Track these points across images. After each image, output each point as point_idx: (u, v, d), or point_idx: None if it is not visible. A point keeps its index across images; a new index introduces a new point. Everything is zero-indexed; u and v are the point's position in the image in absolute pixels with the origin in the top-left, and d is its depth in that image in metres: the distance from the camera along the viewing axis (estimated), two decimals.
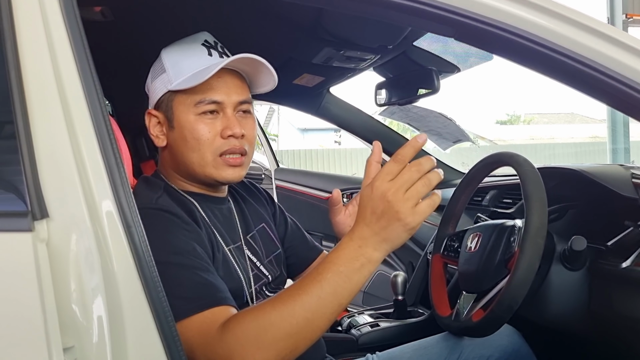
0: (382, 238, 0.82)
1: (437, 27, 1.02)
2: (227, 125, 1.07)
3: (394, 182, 0.80)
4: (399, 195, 0.80)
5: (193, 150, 1.08)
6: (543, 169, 1.22)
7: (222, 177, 1.10)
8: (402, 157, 0.81)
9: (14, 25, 0.76)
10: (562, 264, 1.25)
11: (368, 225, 0.83)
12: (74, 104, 0.75)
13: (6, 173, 0.75)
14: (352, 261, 0.83)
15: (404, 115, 2.21)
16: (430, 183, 0.81)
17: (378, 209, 0.81)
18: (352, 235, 0.84)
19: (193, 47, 1.11)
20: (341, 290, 0.83)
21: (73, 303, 0.71)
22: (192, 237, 1.00)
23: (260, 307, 0.86)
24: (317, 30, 1.55)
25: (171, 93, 1.09)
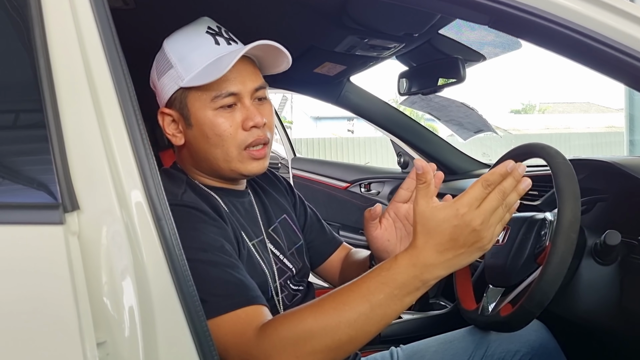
0: (450, 265, 0.80)
1: (470, 14, 0.99)
2: (248, 116, 1.04)
3: (482, 209, 0.78)
4: (485, 224, 0.78)
5: (216, 146, 1.04)
6: (573, 160, 1.19)
7: (247, 171, 1.07)
8: (490, 183, 0.78)
9: (43, 15, 0.74)
10: (594, 258, 1.22)
11: (440, 253, 0.79)
12: (104, 95, 0.74)
13: (37, 165, 0.74)
14: (408, 286, 0.80)
15: (425, 105, 2.19)
16: (511, 208, 0.80)
17: (461, 236, 0.78)
18: (414, 261, 0.80)
19: (198, 37, 1.05)
20: (390, 312, 0.81)
21: (104, 296, 0.70)
22: (220, 233, 0.98)
23: (300, 314, 0.84)
24: (342, 17, 1.52)
25: (184, 90, 1.04)
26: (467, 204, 0.77)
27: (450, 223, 0.77)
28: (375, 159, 13.36)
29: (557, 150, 1.18)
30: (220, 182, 1.13)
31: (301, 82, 2.25)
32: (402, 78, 2.02)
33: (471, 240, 0.78)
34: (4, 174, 0.73)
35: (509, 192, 0.78)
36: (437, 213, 0.79)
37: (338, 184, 2.99)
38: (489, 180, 0.78)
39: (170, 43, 1.07)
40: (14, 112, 0.78)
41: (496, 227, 0.80)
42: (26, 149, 0.76)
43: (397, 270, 0.80)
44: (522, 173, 0.79)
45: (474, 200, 0.77)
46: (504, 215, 0.80)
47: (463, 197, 0.78)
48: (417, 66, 1.92)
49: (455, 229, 0.77)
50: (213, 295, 0.88)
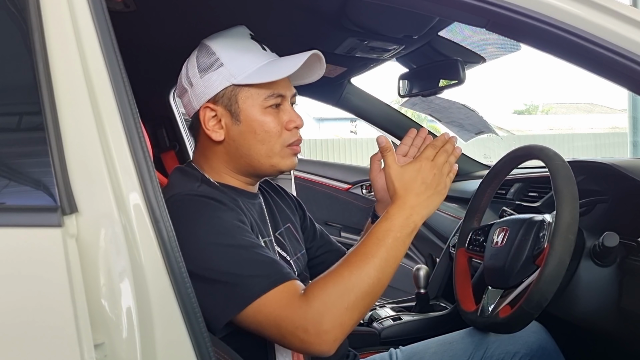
0: (426, 205, 1.02)
1: (468, 17, 1.00)
2: (291, 118, 1.12)
3: (436, 160, 1.05)
4: (439, 170, 1.04)
5: (263, 142, 1.10)
6: (572, 162, 1.19)
7: (286, 166, 1.14)
8: (436, 145, 1.06)
9: (42, 18, 0.75)
10: (592, 260, 1.22)
11: (417, 195, 1.02)
12: (102, 98, 0.74)
13: (35, 168, 0.75)
14: (405, 227, 0.99)
15: (426, 107, 2.19)
16: (451, 164, 1.07)
17: (427, 179, 1.02)
18: (402, 206, 1.01)
19: (245, 42, 1.12)
20: (399, 252, 0.99)
21: (102, 298, 0.71)
22: (239, 217, 1.03)
23: (336, 273, 0.96)
24: (342, 19, 1.52)
25: (234, 87, 1.08)
26: (425, 158, 1.04)
27: (419, 171, 1.03)
28: None
29: (556, 152, 1.18)
30: (239, 181, 1.16)
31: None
32: (402, 80, 2.02)
33: (434, 183, 1.03)
34: (4, 176, 0.74)
35: (450, 153, 1.06)
36: (407, 167, 1.04)
37: (340, 185, 2.99)
38: (435, 144, 1.07)
39: (217, 44, 1.11)
40: (13, 115, 0.79)
41: (447, 177, 1.05)
42: (25, 151, 0.76)
43: (392, 217, 1.00)
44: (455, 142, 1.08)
45: (430, 155, 1.05)
46: (450, 169, 1.06)
47: (422, 153, 1.06)
48: (417, 68, 1.92)
49: (422, 173, 1.03)
50: (252, 276, 0.94)
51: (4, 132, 0.77)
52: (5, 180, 0.74)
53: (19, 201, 0.73)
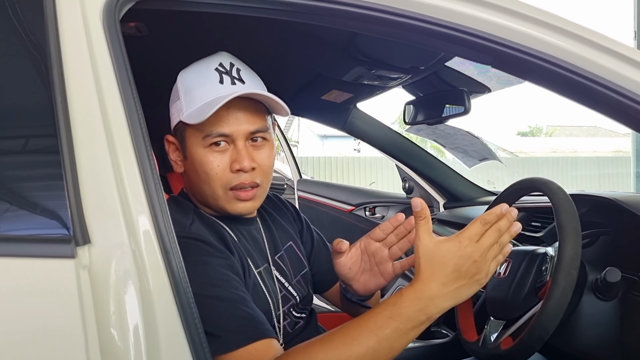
0: (452, 297, 0.86)
1: (475, 55, 1.02)
2: (236, 159, 1.04)
3: (481, 243, 0.86)
4: (484, 257, 0.86)
5: (204, 182, 1.06)
6: (575, 195, 1.21)
7: (234, 211, 1.09)
8: (487, 221, 0.87)
9: (60, 44, 0.77)
10: (594, 294, 1.23)
11: (444, 285, 0.85)
12: (117, 132, 0.76)
13: (50, 200, 0.76)
14: (413, 320, 0.84)
15: (430, 132, 2.21)
16: (503, 246, 0.89)
17: (463, 267, 0.85)
18: (419, 294, 0.85)
19: (206, 73, 1.06)
20: (397, 345, 0.85)
21: (112, 327, 0.72)
22: (227, 265, 1.00)
23: (311, 349, 0.87)
24: (350, 49, 1.55)
25: (183, 123, 1.06)
26: (468, 238, 0.86)
27: (454, 254, 0.85)
28: (381, 179, 13.36)
29: (559, 186, 1.19)
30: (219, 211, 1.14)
31: (309, 108, 2.28)
32: (408, 106, 2.04)
33: (472, 272, 0.85)
34: (20, 207, 0.76)
35: (503, 232, 0.88)
36: (441, 246, 0.86)
37: (343, 206, 3.00)
38: (486, 219, 0.87)
39: (182, 75, 1.10)
40: (28, 144, 0.80)
41: (492, 262, 0.88)
42: (41, 183, 0.78)
43: (402, 305, 0.84)
44: (514, 217, 0.90)
45: (474, 235, 0.86)
46: (498, 252, 0.89)
47: (465, 231, 0.87)
48: (424, 96, 1.95)
49: (459, 259, 0.85)
50: (223, 330, 0.90)
51: (20, 162, 0.79)
52: (21, 211, 0.76)
53: (34, 232, 0.75)
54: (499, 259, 0.89)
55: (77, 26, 0.78)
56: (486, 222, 0.87)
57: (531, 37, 0.95)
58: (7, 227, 0.74)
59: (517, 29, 0.95)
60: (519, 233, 1.72)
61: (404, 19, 0.92)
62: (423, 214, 0.88)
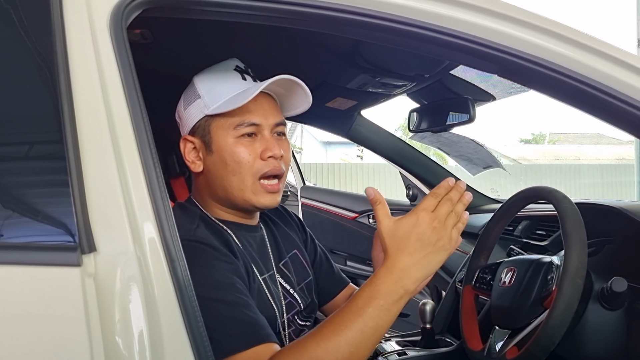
0: (423, 265, 0.90)
1: (481, 64, 1.02)
2: (267, 147, 1.09)
3: (436, 212, 0.91)
4: (441, 224, 0.91)
5: (234, 173, 1.08)
6: (580, 204, 1.20)
7: (260, 203, 1.10)
8: (439, 194, 0.93)
9: (67, 51, 0.77)
10: (600, 303, 1.22)
11: (411, 254, 0.89)
12: (123, 139, 0.77)
13: (55, 206, 0.76)
14: (392, 294, 0.89)
15: (434, 140, 2.20)
16: (459, 215, 0.94)
17: (424, 235, 0.90)
18: (391, 268, 0.90)
19: (226, 73, 1.12)
20: (382, 322, 0.88)
21: (117, 335, 0.72)
22: (231, 269, 1.00)
23: (304, 343, 0.89)
24: (355, 57, 1.55)
25: (208, 118, 1.10)
26: (423, 209, 0.91)
27: (414, 225, 0.90)
28: (384, 186, 13.34)
29: (564, 194, 1.19)
30: (234, 215, 1.15)
31: (313, 115, 2.25)
32: (413, 114, 2.04)
33: (434, 239, 0.90)
34: (26, 215, 0.76)
35: (455, 201, 0.93)
36: (400, 222, 0.91)
37: (346, 214, 2.99)
38: (437, 192, 0.94)
39: (200, 77, 1.13)
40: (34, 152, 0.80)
41: (452, 229, 0.92)
42: (46, 192, 0.78)
43: (378, 282, 0.89)
44: (464, 187, 0.96)
45: (428, 206, 0.92)
46: (456, 221, 0.93)
47: (419, 205, 0.93)
48: (428, 104, 1.95)
49: (419, 228, 0.90)
50: (225, 334, 0.91)
51: (26, 169, 0.79)
52: (27, 218, 0.76)
53: (40, 240, 0.75)
54: (459, 226, 0.94)
55: (84, 33, 0.79)
56: (437, 195, 0.93)
57: (537, 46, 0.95)
58: (13, 235, 0.74)
59: (522, 38, 0.95)
60: (524, 241, 1.75)
61: (409, 27, 0.92)
62: (378, 199, 0.94)
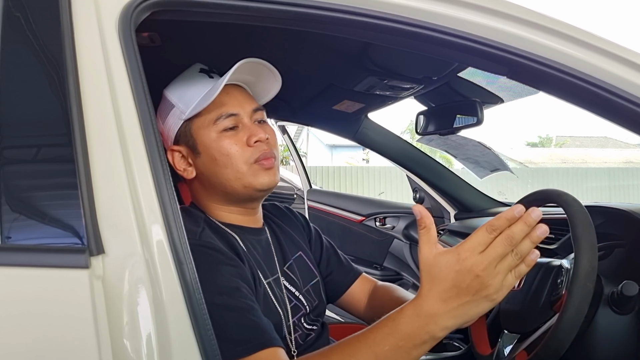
0: (457, 315, 0.76)
1: (490, 66, 1.01)
2: (251, 133, 1.09)
3: (486, 255, 0.74)
4: (490, 270, 0.74)
5: (226, 166, 1.08)
6: (590, 207, 1.19)
7: (260, 184, 1.10)
8: (495, 228, 0.75)
9: (75, 54, 0.77)
10: (610, 307, 1.20)
11: (444, 301, 0.76)
12: (132, 141, 0.76)
13: (64, 208, 0.76)
14: (414, 338, 0.77)
15: (442, 143, 2.19)
16: (523, 256, 0.76)
17: (463, 283, 0.74)
18: (418, 310, 0.77)
19: (192, 77, 1.14)
20: None
21: (125, 338, 0.71)
22: (236, 273, 1.00)
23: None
24: (363, 60, 1.55)
25: (187, 122, 1.11)
26: (469, 249, 0.74)
27: (452, 269, 0.75)
28: (390, 189, 13.32)
29: (574, 197, 1.18)
30: (237, 215, 1.15)
31: (320, 118, 2.27)
32: (420, 116, 2.03)
33: (475, 288, 0.74)
34: (34, 217, 0.76)
35: (518, 239, 0.74)
36: (439, 259, 0.76)
37: (353, 217, 2.99)
38: (494, 225, 0.74)
39: (169, 88, 1.15)
40: (43, 154, 0.80)
41: (506, 276, 0.75)
42: (55, 194, 0.78)
43: (401, 321, 0.78)
44: (536, 219, 0.75)
45: (476, 245, 0.74)
46: (515, 263, 0.75)
47: (466, 241, 0.75)
48: (436, 107, 1.94)
49: (457, 274, 0.74)
50: (228, 340, 0.89)
51: (34, 172, 0.79)
52: (35, 220, 0.76)
53: (49, 242, 0.75)
54: (520, 269, 0.76)
55: (93, 35, 0.79)
56: (493, 229, 0.74)
57: (546, 47, 0.94)
58: (21, 237, 0.74)
59: (532, 39, 0.94)
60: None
61: (418, 29, 0.92)
62: (423, 223, 0.78)
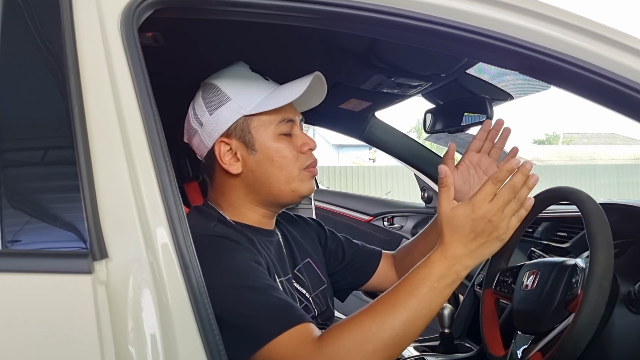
0: (476, 255, 0.91)
1: (502, 60, 0.99)
2: (305, 141, 1.13)
3: (494, 202, 0.89)
4: (499, 215, 0.89)
5: (281, 168, 1.11)
6: (604, 205, 1.16)
7: (306, 190, 1.14)
8: (499, 179, 0.90)
9: (77, 53, 0.76)
10: (627, 306, 1.18)
11: (465, 245, 0.90)
12: (135, 143, 0.75)
13: (66, 212, 0.75)
14: (445, 278, 0.90)
15: (450, 141, 2.17)
16: (524, 201, 0.92)
17: (478, 227, 0.89)
18: (445, 254, 0.91)
19: (246, 75, 1.14)
20: (434, 304, 0.90)
21: (129, 344, 0.70)
22: (254, 259, 1.01)
23: (357, 320, 0.89)
24: (370, 57, 1.53)
25: (245, 118, 1.10)
26: (480, 199, 0.89)
27: (469, 217, 0.89)
28: (397, 188, 13.30)
29: (588, 195, 1.15)
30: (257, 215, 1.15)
31: (326, 117, 2.25)
32: (427, 114, 2.01)
33: (489, 230, 0.90)
34: (36, 221, 0.74)
35: (519, 187, 0.90)
36: (456, 211, 0.91)
37: (361, 216, 2.97)
38: (498, 177, 0.90)
39: (221, 80, 1.13)
40: (45, 158, 0.79)
41: (511, 218, 0.91)
42: (57, 197, 0.76)
43: (432, 265, 0.91)
44: (529, 169, 0.91)
45: (486, 196, 0.89)
46: (517, 208, 0.92)
47: (477, 194, 0.90)
48: (444, 104, 1.91)
49: (474, 222, 0.89)
50: (259, 319, 0.91)
51: (36, 175, 0.78)
52: (37, 224, 0.74)
53: (51, 246, 0.73)
54: (520, 213, 0.93)
55: (95, 34, 0.77)
56: (498, 181, 0.90)
57: (559, 41, 0.92)
58: (23, 241, 0.72)
59: (544, 33, 0.92)
60: (544, 243, 1.71)
61: (428, 24, 0.90)
62: (445, 182, 0.93)
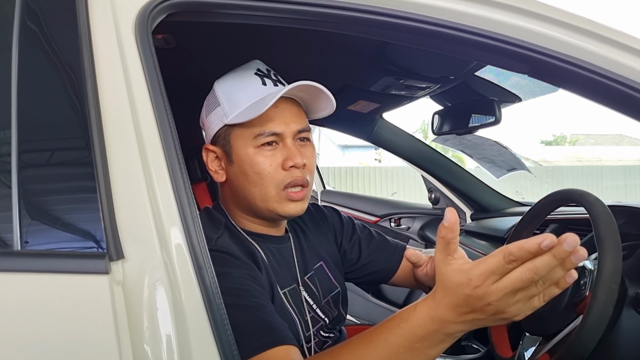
0: (472, 324, 0.72)
1: (511, 64, 0.99)
2: (288, 156, 1.03)
3: (501, 286, 0.67)
4: (505, 300, 0.67)
5: (255, 184, 1.04)
6: (612, 207, 1.17)
7: (284, 212, 1.06)
8: (515, 258, 0.66)
9: (93, 56, 0.77)
10: (634, 309, 1.18)
11: (459, 313, 0.71)
12: (150, 144, 0.76)
13: (83, 212, 0.76)
14: (430, 339, 0.74)
15: (457, 143, 2.17)
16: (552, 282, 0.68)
17: (475, 305, 0.69)
18: (432, 314, 0.73)
19: (246, 77, 1.08)
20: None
21: (145, 343, 0.71)
22: (250, 275, 0.98)
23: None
24: (379, 59, 1.53)
25: (228, 127, 1.06)
26: (481, 276, 0.67)
27: (463, 291, 0.69)
28: (403, 189, 13.27)
29: (597, 197, 1.16)
30: (260, 225, 1.12)
31: (334, 118, 2.23)
32: (435, 116, 2.01)
33: (490, 312, 0.69)
34: (53, 223, 0.75)
35: (544, 273, 0.65)
36: (451, 275, 0.71)
37: (368, 217, 2.97)
38: (513, 254, 0.65)
39: (219, 83, 1.10)
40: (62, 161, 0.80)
41: (529, 301, 0.69)
42: (74, 198, 0.78)
43: (415, 324, 0.74)
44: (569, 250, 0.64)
45: (489, 274, 0.67)
46: (540, 290, 0.68)
47: (478, 266, 0.68)
48: (452, 106, 1.92)
49: (469, 298, 0.69)
50: (246, 337, 0.87)
51: (53, 176, 0.79)
52: (54, 225, 0.75)
53: (69, 247, 0.74)
54: (550, 292, 0.69)
55: (110, 38, 0.79)
56: (512, 259, 0.65)
57: (569, 45, 0.93)
58: (41, 242, 0.73)
59: (554, 37, 0.93)
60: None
61: (437, 27, 0.91)
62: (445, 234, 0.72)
